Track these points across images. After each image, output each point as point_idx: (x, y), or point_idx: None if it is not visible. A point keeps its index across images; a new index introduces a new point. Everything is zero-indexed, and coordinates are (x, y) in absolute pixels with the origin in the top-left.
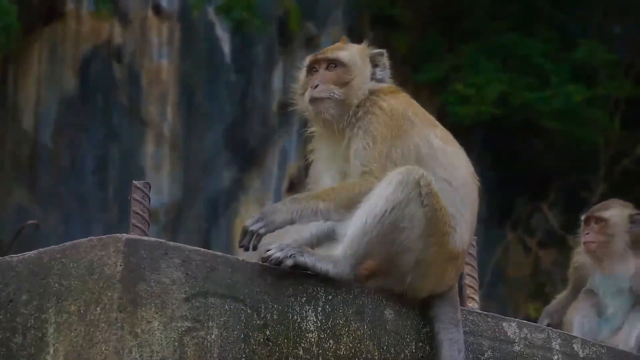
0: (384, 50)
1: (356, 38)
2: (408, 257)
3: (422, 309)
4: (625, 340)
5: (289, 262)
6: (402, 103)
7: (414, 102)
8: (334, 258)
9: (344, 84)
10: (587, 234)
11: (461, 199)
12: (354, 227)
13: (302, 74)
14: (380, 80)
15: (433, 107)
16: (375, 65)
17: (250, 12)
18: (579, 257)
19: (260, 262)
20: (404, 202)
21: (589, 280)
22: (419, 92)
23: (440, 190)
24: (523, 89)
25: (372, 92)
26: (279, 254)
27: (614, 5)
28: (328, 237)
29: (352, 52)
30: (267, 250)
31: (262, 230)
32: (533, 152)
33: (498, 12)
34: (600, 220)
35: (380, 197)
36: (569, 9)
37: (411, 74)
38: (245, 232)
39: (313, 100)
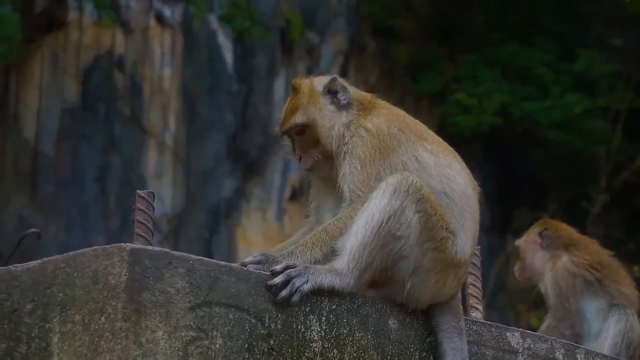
0: (334, 76)
1: (357, 48)
2: (406, 265)
3: (426, 319)
4: (601, 345)
5: (296, 298)
6: (387, 120)
7: (399, 112)
8: (337, 272)
9: (317, 140)
10: (517, 262)
11: (460, 210)
12: (353, 240)
13: (287, 142)
14: (347, 105)
15: (433, 117)
16: (335, 92)
17: (252, 21)
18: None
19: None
20: (398, 210)
21: None
22: (419, 103)
23: (432, 196)
24: (523, 99)
25: (349, 121)
26: (284, 293)
27: (614, 16)
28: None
29: (302, 106)
30: (272, 281)
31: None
32: (533, 162)
33: (498, 23)
34: (518, 248)
35: (375, 208)
36: (569, 19)
37: (411, 85)
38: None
39: (308, 172)
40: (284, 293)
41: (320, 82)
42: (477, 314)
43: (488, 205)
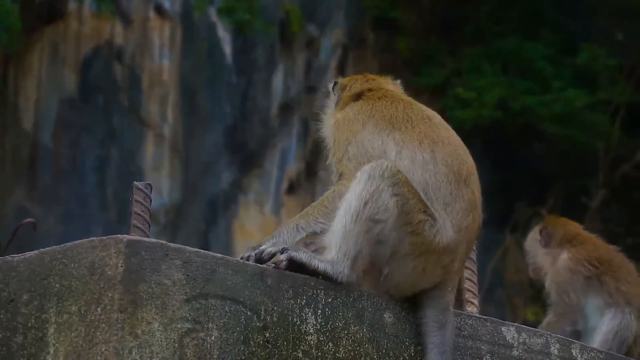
0: (337, 80)
1: (357, 41)
2: (384, 250)
3: None
4: (592, 341)
5: (283, 257)
6: (358, 108)
7: (381, 103)
8: (329, 260)
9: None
10: None
11: (437, 202)
12: (336, 230)
13: None
14: (340, 102)
15: (434, 110)
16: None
17: (252, 14)
18: None
19: (254, 262)
20: (375, 194)
21: None
22: (419, 96)
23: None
24: (524, 93)
25: (334, 116)
26: (271, 249)
27: (616, 11)
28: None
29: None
30: (260, 246)
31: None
32: (533, 156)
33: (500, 16)
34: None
35: (353, 195)
36: (570, 13)
37: (412, 78)
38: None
39: None
40: (270, 248)
41: (328, 88)
42: (472, 309)
43: (487, 199)
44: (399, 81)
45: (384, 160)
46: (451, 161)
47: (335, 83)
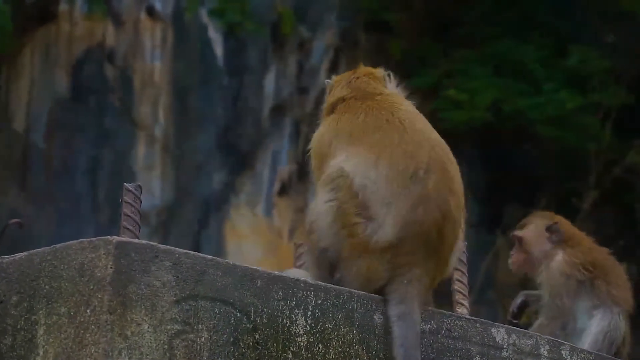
0: (329, 80)
1: (350, 43)
2: (330, 256)
3: None
4: (582, 343)
5: None
6: (326, 127)
7: (345, 117)
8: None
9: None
10: (512, 254)
11: (376, 200)
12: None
13: None
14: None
15: (425, 113)
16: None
17: (244, 15)
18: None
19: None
20: (313, 205)
21: None
22: (411, 98)
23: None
24: (516, 95)
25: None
26: None
27: (609, 13)
28: None
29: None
30: None
31: None
32: (525, 158)
33: (492, 18)
34: (518, 239)
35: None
36: (563, 15)
37: (405, 79)
38: None
39: None
40: None
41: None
42: (462, 310)
43: (478, 200)
44: (387, 73)
45: (334, 164)
46: (397, 162)
47: (328, 84)
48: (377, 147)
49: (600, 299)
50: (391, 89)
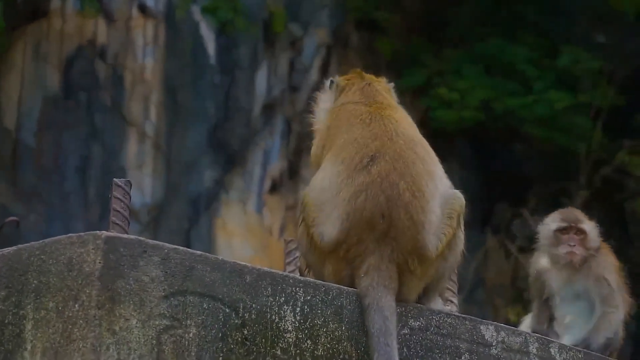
0: (332, 78)
1: (341, 41)
2: (313, 271)
3: (400, 311)
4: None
5: None
6: (319, 143)
7: (333, 125)
8: None
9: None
10: (573, 245)
11: (328, 201)
12: None
13: None
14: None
15: (417, 111)
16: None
17: (236, 13)
18: (537, 265)
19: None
20: (298, 228)
21: (546, 288)
22: (402, 97)
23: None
24: (506, 95)
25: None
26: None
27: (598, 14)
28: None
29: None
30: None
31: None
32: (515, 158)
33: (483, 18)
34: (581, 232)
35: None
36: (552, 16)
37: (395, 79)
38: None
39: None
40: None
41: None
42: (451, 307)
43: (468, 199)
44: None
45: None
46: (350, 154)
47: (332, 82)
48: (340, 147)
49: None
50: (394, 100)
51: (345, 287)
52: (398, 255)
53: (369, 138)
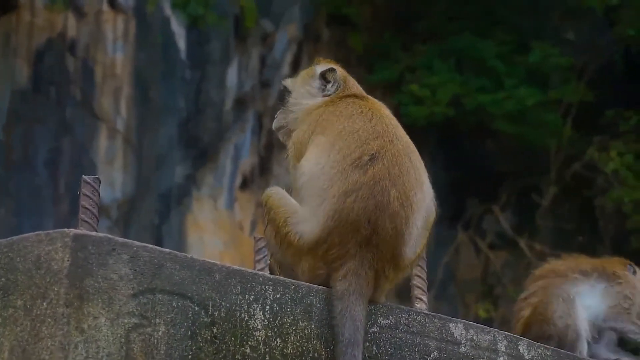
0: (333, 67)
1: (312, 36)
2: (284, 268)
3: (370, 309)
4: None
5: None
6: (308, 129)
7: (330, 110)
8: None
9: (291, 110)
10: None
11: (308, 194)
12: None
13: None
14: (329, 95)
15: (388, 107)
16: (327, 81)
17: (207, 8)
18: None
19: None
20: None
21: None
22: (373, 92)
23: (283, 198)
24: (476, 91)
25: (302, 112)
26: None
27: (569, 10)
28: None
29: (299, 77)
30: None
31: None
32: (485, 154)
33: (454, 13)
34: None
35: None
36: (524, 12)
37: (366, 74)
38: None
39: (275, 128)
40: None
41: (324, 66)
42: (421, 305)
43: (439, 195)
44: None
45: (267, 188)
46: (349, 146)
47: (333, 70)
48: (337, 135)
49: None
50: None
51: (315, 285)
52: (377, 262)
53: (371, 134)
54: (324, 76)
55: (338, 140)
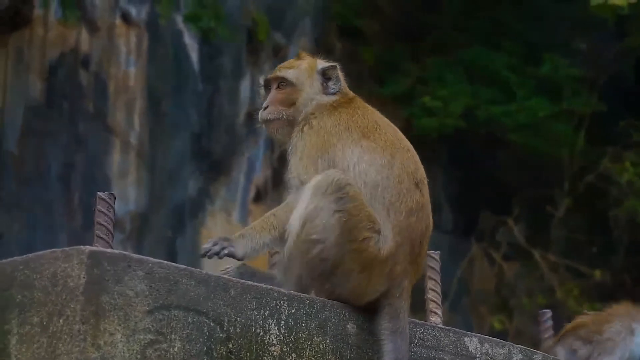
0: (335, 64)
1: (324, 49)
2: (325, 266)
3: None
4: None
5: (221, 253)
6: (336, 119)
7: (358, 112)
8: (277, 281)
9: (292, 103)
10: None
11: (382, 202)
12: (285, 250)
13: (262, 92)
14: (333, 94)
15: (399, 119)
16: (328, 78)
17: (218, 21)
18: None
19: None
20: (313, 213)
21: None
22: (384, 105)
23: (360, 194)
24: (488, 102)
25: (318, 107)
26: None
27: (580, 21)
28: None
29: (300, 69)
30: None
31: (225, 251)
32: (498, 165)
33: (464, 25)
34: None
35: (296, 215)
36: (533, 24)
37: (377, 87)
38: (205, 253)
39: (264, 122)
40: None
41: (322, 63)
42: (436, 319)
43: (452, 207)
44: None
45: (334, 173)
46: (408, 165)
47: (335, 67)
48: (390, 147)
49: None
50: None
51: (330, 301)
52: (413, 280)
53: (415, 155)
54: (324, 73)
55: (397, 154)
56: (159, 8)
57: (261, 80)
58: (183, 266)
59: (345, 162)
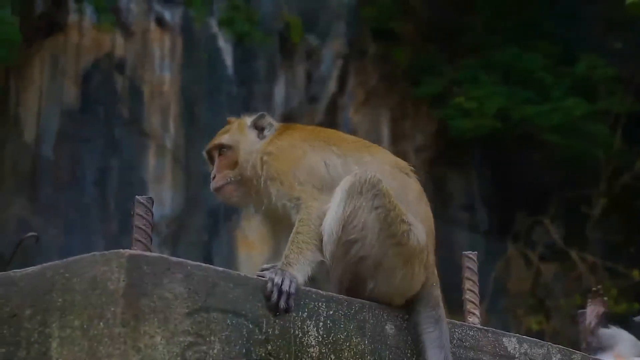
0: (263, 112)
1: (357, 51)
2: (367, 264)
3: None
4: None
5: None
6: (289, 138)
7: (305, 128)
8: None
9: (235, 163)
10: None
11: (405, 194)
12: (325, 257)
13: (209, 166)
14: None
15: (432, 121)
16: (261, 128)
17: (252, 25)
18: None
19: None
20: (352, 214)
21: None
22: (418, 106)
23: (390, 189)
24: (523, 103)
25: (264, 147)
26: (276, 301)
27: (615, 20)
28: None
29: (232, 130)
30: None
31: (292, 289)
32: (533, 166)
33: (498, 26)
34: None
35: (331, 218)
36: (569, 23)
37: (411, 88)
38: (278, 291)
39: (215, 191)
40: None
41: (250, 118)
42: (474, 320)
43: (487, 208)
44: None
45: (365, 171)
46: (388, 158)
47: (263, 116)
48: (362, 148)
49: None
50: None
51: (368, 302)
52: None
53: (376, 147)
54: (256, 125)
55: (372, 151)
56: (192, 12)
57: (204, 155)
58: (221, 269)
59: (327, 166)
